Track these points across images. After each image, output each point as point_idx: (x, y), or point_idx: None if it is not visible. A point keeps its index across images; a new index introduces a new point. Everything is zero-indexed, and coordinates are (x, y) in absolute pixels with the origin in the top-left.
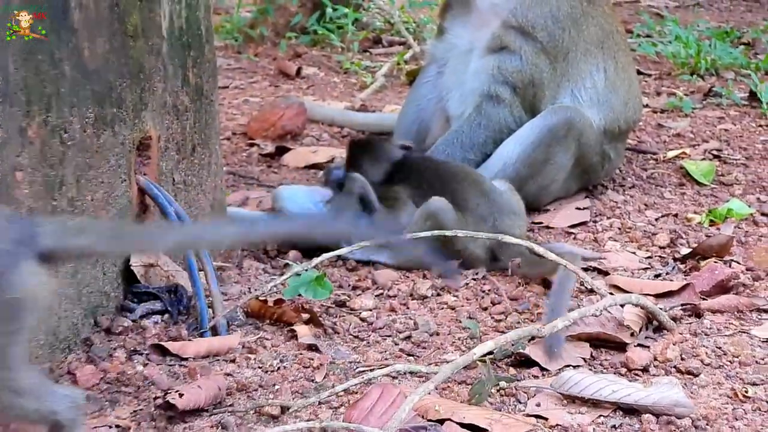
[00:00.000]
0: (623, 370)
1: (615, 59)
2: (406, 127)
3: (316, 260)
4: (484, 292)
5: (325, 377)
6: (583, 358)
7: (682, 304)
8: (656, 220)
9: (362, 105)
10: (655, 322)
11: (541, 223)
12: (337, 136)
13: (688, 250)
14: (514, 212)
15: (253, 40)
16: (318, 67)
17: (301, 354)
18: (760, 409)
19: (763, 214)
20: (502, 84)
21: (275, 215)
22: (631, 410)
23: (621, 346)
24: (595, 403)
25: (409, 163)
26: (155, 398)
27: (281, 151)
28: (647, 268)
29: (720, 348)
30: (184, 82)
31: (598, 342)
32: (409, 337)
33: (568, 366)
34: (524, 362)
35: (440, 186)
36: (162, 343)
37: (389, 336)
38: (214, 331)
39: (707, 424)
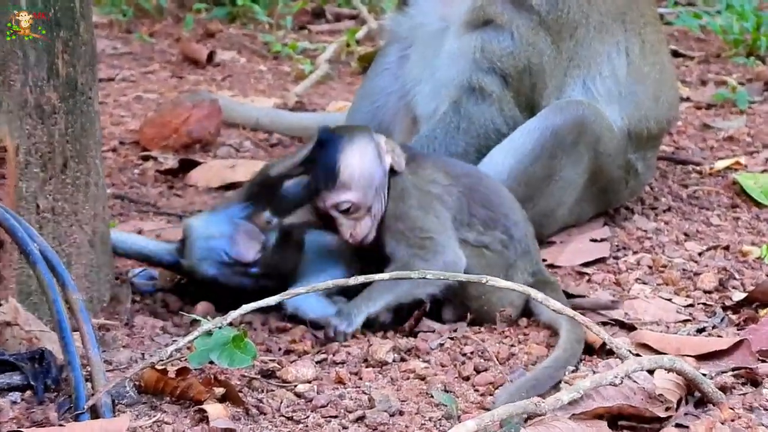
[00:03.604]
0: None
1: (641, 36)
2: None
3: (233, 314)
4: (464, 355)
5: None
6: None
7: (733, 369)
8: (700, 254)
9: (298, 102)
10: (697, 394)
11: (544, 260)
12: (264, 144)
13: (743, 295)
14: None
15: (148, 15)
16: (237, 51)
17: None
18: None
19: None
20: (488, 72)
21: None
22: None
23: (652, 426)
24: None
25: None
26: None
27: (187, 166)
28: (687, 320)
29: None
30: (52, 72)
31: (622, 420)
32: (362, 419)
33: None
34: None
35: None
36: (23, 429)
37: (335, 417)
38: (95, 413)
39: None
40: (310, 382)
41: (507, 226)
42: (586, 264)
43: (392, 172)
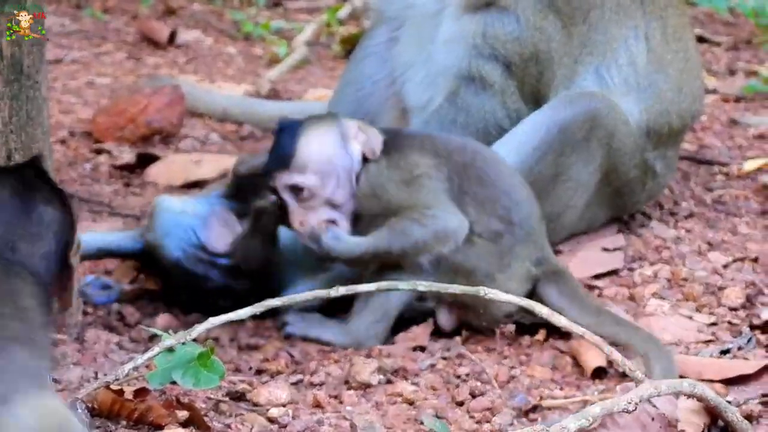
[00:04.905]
0: None
1: (663, 20)
2: None
3: (199, 328)
4: (458, 377)
5: None
6: None
7: (761, 395)
8: (725, 266)
9: (272, 89)
10: (720, 422)
11: None
12: (233, 137)
13: None
14: None
15: None
16: (203, 30)
17: None
18: None
19: None
20: (489, 59)
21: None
22: None
23: None
24: None
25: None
26: None
27: (145, 160)
28: (710, 341)
29: None
30: None
31: None
32: None
33: None
34: None
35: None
36: None
37: None
38: None
39: None
40: (284, 405)
41: (507, 207)
42: (597, 276)
43: (367, 159)
